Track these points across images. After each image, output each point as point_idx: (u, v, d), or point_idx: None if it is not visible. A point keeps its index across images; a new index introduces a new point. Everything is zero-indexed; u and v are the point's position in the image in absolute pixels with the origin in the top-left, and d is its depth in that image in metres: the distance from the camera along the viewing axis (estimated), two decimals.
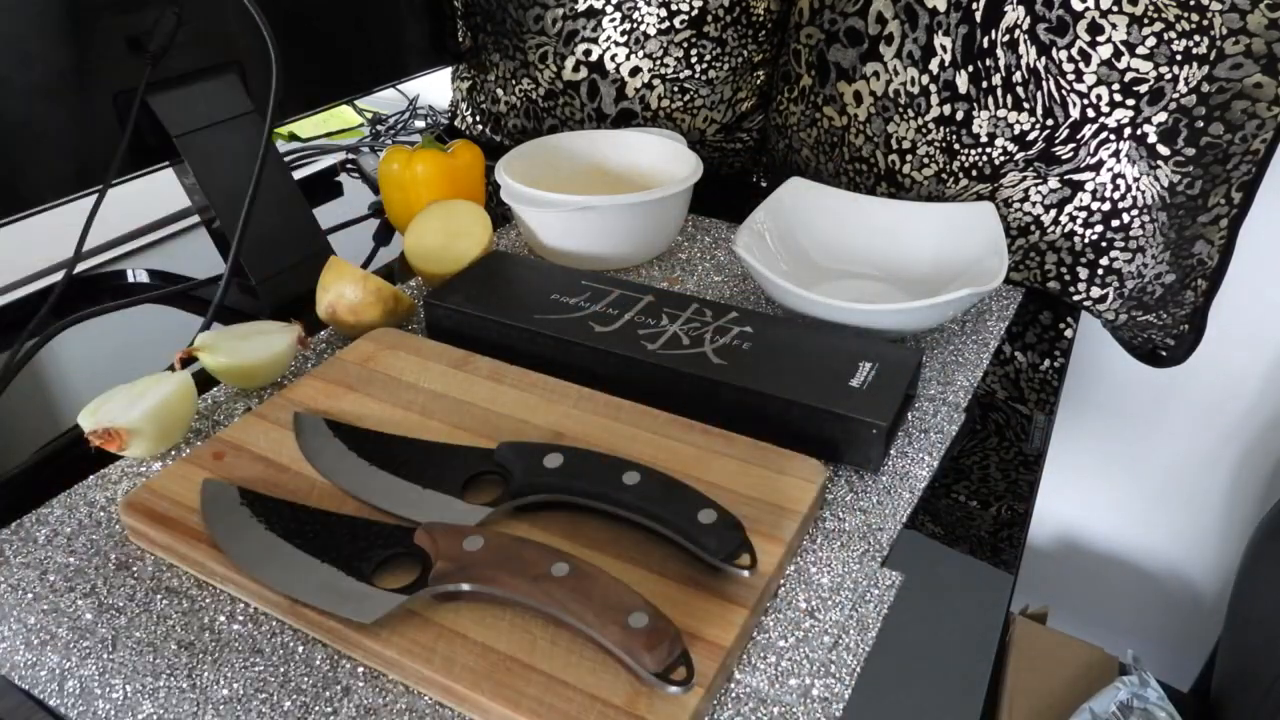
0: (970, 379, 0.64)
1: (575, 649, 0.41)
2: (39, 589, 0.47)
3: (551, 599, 0.40)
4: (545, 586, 0.41)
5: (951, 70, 0.75)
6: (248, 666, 0.43)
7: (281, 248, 0.74)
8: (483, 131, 1.06)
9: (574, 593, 0.40)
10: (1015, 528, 0.55)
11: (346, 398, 0.57)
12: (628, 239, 0.75)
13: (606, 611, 0.39)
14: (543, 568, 0.41)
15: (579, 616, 0.40)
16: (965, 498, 0.56)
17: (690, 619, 0.42)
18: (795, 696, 0.42)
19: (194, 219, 0.90)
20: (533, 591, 0.41)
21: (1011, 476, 0.58)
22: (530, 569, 0.41)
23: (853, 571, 0.48)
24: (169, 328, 0.74)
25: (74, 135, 0.66)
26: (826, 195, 0.79)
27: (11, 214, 0.64)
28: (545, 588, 0.41)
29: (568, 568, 0.41)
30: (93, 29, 0.65)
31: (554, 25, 0.91)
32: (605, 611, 0.39)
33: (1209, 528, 1.09)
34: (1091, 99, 0.69)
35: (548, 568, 0.41)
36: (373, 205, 0.95)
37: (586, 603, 0.40)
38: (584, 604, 0.40)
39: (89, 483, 0.54)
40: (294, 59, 0.82)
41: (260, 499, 0.48)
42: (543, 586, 0.41)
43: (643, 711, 0.38)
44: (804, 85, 0.87)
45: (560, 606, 0.40)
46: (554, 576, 0.41)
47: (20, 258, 0.82)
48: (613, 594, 0.40)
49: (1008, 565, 0.52)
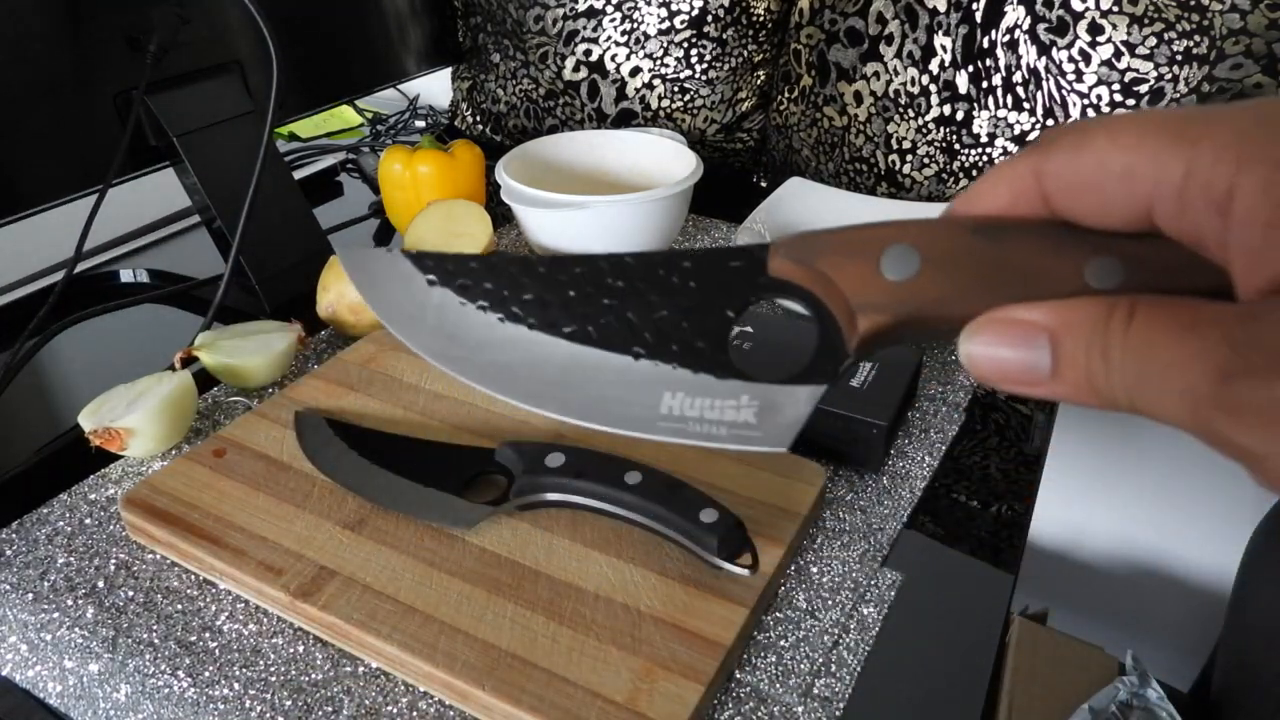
0: (970, 379, 0.64)
1: (576, 645, 0.41)
2: (39, 589, 0.47)
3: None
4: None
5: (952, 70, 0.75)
6: (248, 666, 0.43)
7: (281, 248, 0.74)
8: (483, 131, 1.06)
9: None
10: (1015, 528, 0.55)
11: (347, 398, 0.57)
12: (628, 239, 0.75)
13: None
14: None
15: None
16: (965, 498, 0.56)
17: (691, 618, 0.42)
18: (795, 696, 0.42)
19: (194, 219, 0.90)
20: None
21: (1011, 476, 0.58)
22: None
23: (853, 571, 0.48)
24: (169, 328, 0.74)
25: (74, 135, 0.66)
26: (826, 195, 0.79)
27: (11, 214, 0.64)
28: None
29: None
30: (93, 29, 0.65)
31: (554, 25, 0.91)
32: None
33: (1209, 528, 1.09)
34: (1092, 99, 0.69)
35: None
36: (373, 205, 0.95)
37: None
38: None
39: (89, 482, 0.54)
40: (294, 59, 0.82)
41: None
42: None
43: (643, 708, 0.38)
44: (804, 85, 0.87)
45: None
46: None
47: (20, 258, 0.82)
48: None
49: (1008, 565, 0.52)
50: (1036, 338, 0.20)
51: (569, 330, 0.25)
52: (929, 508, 0.54)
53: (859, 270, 0.23)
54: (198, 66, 0.72)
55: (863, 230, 0.23)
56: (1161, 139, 0.19)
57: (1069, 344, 0.20)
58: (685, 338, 0.25)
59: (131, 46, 0.68)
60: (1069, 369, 0.20)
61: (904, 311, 0.22)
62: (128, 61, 0.68)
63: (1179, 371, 0.18)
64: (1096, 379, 0.19)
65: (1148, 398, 0.19)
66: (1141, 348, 0.19)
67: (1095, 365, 0.19)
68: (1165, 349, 0.18)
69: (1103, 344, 0.19)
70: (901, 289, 0.22)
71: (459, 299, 0.26)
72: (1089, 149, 0.20)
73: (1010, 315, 0.21)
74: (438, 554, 0.46)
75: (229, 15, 0.74)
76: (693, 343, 0.25)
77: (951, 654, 0.46)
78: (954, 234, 0.22)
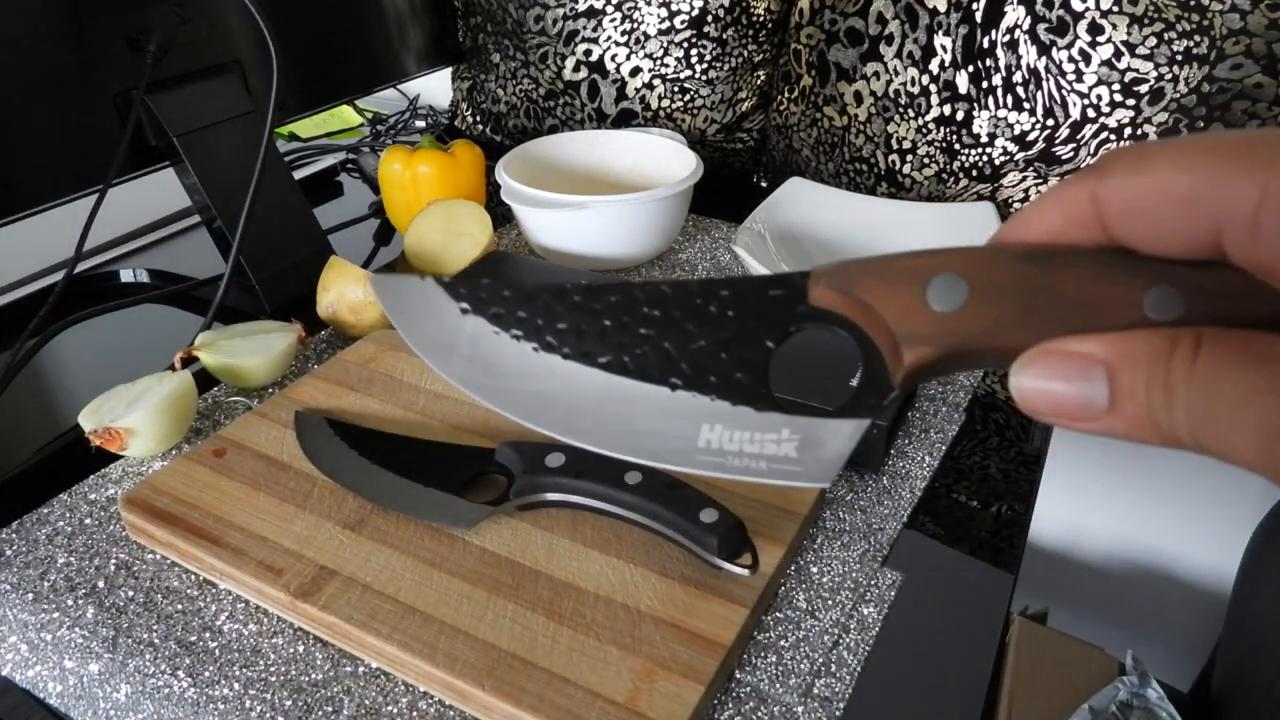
0: (970, 378, 0.64)
1: (576, 645, 0.41)
2: (39, 589, 0.47)
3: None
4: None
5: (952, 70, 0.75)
6: (248, 666, 0.43)
7: (281, 248, 0.74)
8: (483, 131, 1.06)
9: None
10: (1015, 528, 0.55)
11: (347, 398, 0.57)
12: (628, 239, 0.75)
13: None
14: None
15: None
16: (965, 498, 0.56)
17: (691, 618, 0.42)
18: (795, 696, 0.42)
19: (194, 219, 0.90)
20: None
21: (1011, 476, 0.58)
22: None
23: (853, 571, 0.48)
24: (169, 328, 0.74)
25: (74, 135, 0.66)
26: (826, 195, 0.79)
27: (11, 214, 0.64)
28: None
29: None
30: (93, 29, 0.65)
31: (554, 25, 0.91)
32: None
33: (1209, 528, 1.09)
34: (1092, 99, 0.69)
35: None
36: (373, 205, 0.95)
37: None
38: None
39: (89, 482, 0.54)
40: (294, 59, 0.82)
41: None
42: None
43: (643, 708, 0.38)
44: (804, 85, 0.87)
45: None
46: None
47: (20, 258, 0.82)
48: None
49: (1008, 565, 0.52)
50: (1092, 371, 0.19)
51: (604, 360, 0.25)
52: (929, 508, 0.54)
53: (904, 300, 0.22)
54: (198, 66, 0.72)
55: (908, 258, 0.22)
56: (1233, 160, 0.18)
57: (1128, 378, 0.19)
58: (723, 369, 0.24)
59: (131, 46, 0.68)
60: (1128, 404, 0.19)
61: (951, 343, 0.21)
62: (128, 61, 0.68)
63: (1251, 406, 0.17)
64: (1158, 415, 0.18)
65: (1215, 435, 0.18)
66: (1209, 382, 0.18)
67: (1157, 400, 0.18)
68: (1236, 383, 0.17)
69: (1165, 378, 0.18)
70: (949, 320, 0.21)
71: (493, 328, 0.26)
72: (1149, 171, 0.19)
73: (1065, 347, 0.20)
74: (438, 554, 0.46)
75: (229, 15, 0.74)
76: (731, 374, 0.24)
77: (951, 654, 0.46)
78: (1003, 262, 0.21)
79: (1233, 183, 0.18)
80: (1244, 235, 0.18)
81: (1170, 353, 0.18)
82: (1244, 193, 0.17)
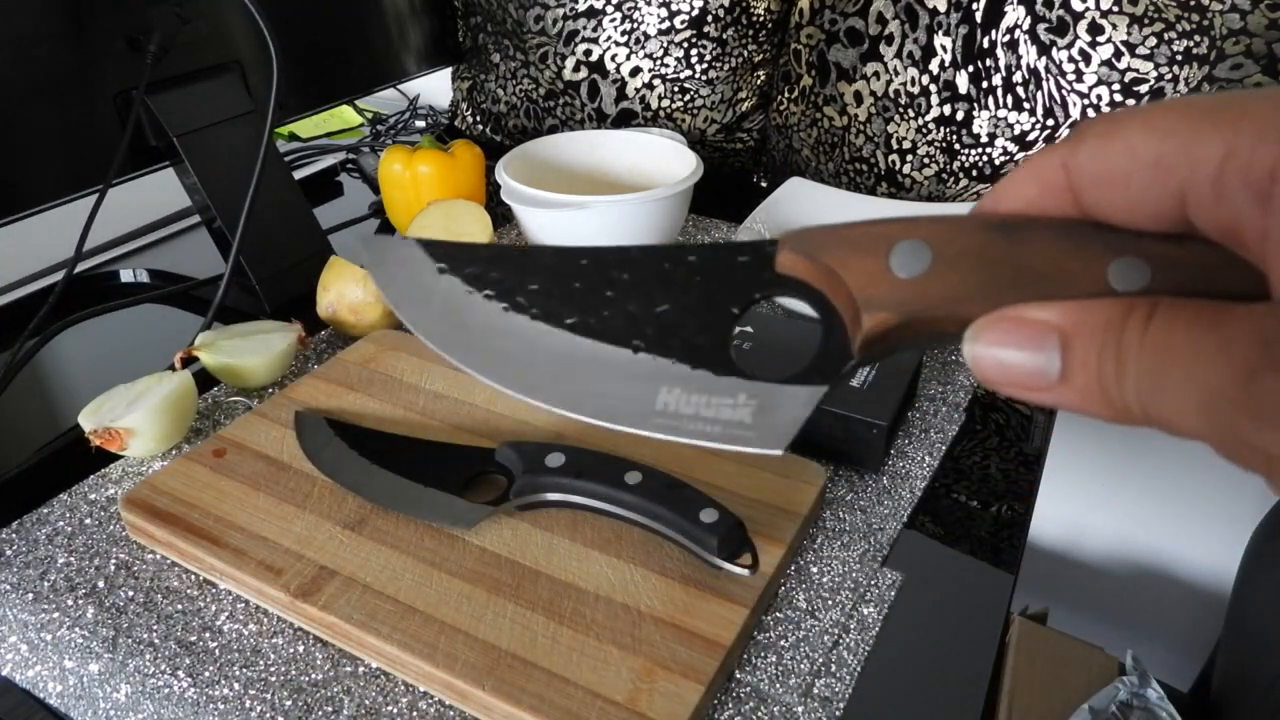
0: (970, 379, 0.64)
1: (576, 645, 0.41)
2: (39, 589, 0.47)
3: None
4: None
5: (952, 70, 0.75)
6: (248, 666, 0.43)
7: (281, 248, 0.74)
8: (483, 131, 1.06)
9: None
10: (1015, 528, 0.55)
11: (347, 398, 0.57)
12: (628, 239, 0.75)
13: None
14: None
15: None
16: (965, 498, 0.56)
17: (691, 618, 0.42)
18: (795, 696, 0.42)
19: (194, 219, 0.90)
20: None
21: (1011, 476, 0.58)
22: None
23: (853, 571, 0.48)
24: (169, 328, 0.74)
25: (74, 135, 0.66)
26: (826, 195, 0.79)
27: (11, 214, 0.64)
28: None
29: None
30: (93, 29, 0.65)
31: (554, 25, 0.91)
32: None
33: (1209, 528, 1.09)
34: (1092, 99, 0.69)
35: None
36: (373, 205, 0.95)
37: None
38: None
39: (89, 482, 0.54)
40: (294, 59, 0.82)
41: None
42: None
43: (643, 708, 0.38)
44: (804, 85, 0.87)
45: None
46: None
47: (20, 258, 0.82)
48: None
49: (1008, 565, 0.52)
50: (1046, 338, 0.18)
51: (570, 321, 0.25)
52: (929, 508, 0.54)
53: (867, 265, 0.22)
54: (198, 66, 0.72)
55: (873, 225, 0.22)
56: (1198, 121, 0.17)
57: (1081, 346, 0.18)
58: (686, 333, 0.24)
59: (131, 46, 0.68)
60: (1079, 373, 0.18)
61: (912, 310, 0.21)
62: (128, 61, 0.68)
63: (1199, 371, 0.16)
64: (1108, 385, 0.18)
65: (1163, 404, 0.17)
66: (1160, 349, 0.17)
67: (1108, 370, 0.18)
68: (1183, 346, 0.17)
69: (1117, 346, 0.18)
70: (910, 286, 0.21)
71: (466, 287, 0.26)
72: (1119, 137, 0.18)
73: (1020, 314, 0.19)
74: (438, 554, 0.46)
75: (229, 15, 0.74)
76: (693, 339, 0.24)
77: (951, 654, 0.46)
78: (970, 231, 0.21)
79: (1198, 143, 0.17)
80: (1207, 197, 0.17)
81: (1124, 320, 0.18)
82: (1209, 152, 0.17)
